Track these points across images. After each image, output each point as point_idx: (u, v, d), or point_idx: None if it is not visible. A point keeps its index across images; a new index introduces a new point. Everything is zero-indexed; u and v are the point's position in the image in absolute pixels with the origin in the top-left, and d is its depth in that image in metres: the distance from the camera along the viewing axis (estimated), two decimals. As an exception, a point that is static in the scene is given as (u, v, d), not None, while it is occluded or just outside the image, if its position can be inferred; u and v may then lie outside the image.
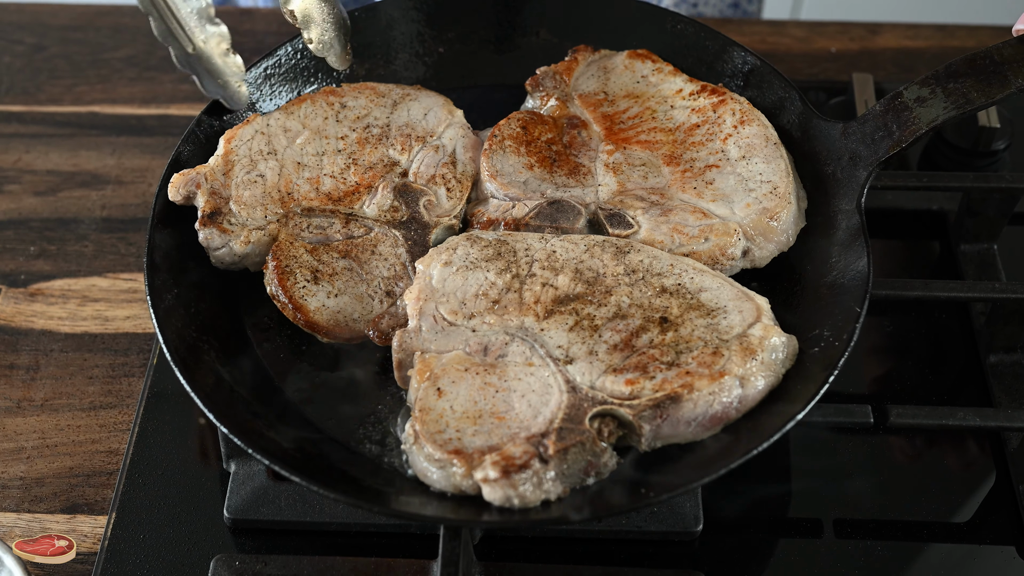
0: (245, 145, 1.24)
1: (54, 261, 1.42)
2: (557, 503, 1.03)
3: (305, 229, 1.20)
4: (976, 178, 1.34)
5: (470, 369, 1.09)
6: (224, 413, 1.07)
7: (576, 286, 1.14)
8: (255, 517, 1.15)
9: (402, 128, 1.29)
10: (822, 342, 1.11)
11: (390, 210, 1.22)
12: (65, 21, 1.72)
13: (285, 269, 1.17)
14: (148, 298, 1.13)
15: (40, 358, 1.32)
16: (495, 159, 1.26)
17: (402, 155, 1.27)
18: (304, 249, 1.19)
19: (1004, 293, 1.23)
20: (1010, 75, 1.18)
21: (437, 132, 1.29)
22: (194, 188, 1.20)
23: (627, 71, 1.35)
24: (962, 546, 1.17)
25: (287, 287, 1.16)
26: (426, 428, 1.05)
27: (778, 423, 1.04)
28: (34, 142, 1.55)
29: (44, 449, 1.25)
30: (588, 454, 1.04)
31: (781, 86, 1.32)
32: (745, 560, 1.16)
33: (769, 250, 1.21)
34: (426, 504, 1.04)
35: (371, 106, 1.30)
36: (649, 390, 1.06)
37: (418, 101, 1.32)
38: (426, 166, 1.26)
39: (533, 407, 1.07)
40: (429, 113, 1.31)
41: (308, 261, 1.18)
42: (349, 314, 1.17)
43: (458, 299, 1.14)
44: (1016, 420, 1.16)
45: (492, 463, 1.02)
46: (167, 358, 1.09)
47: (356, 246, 1.20)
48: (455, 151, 1.28)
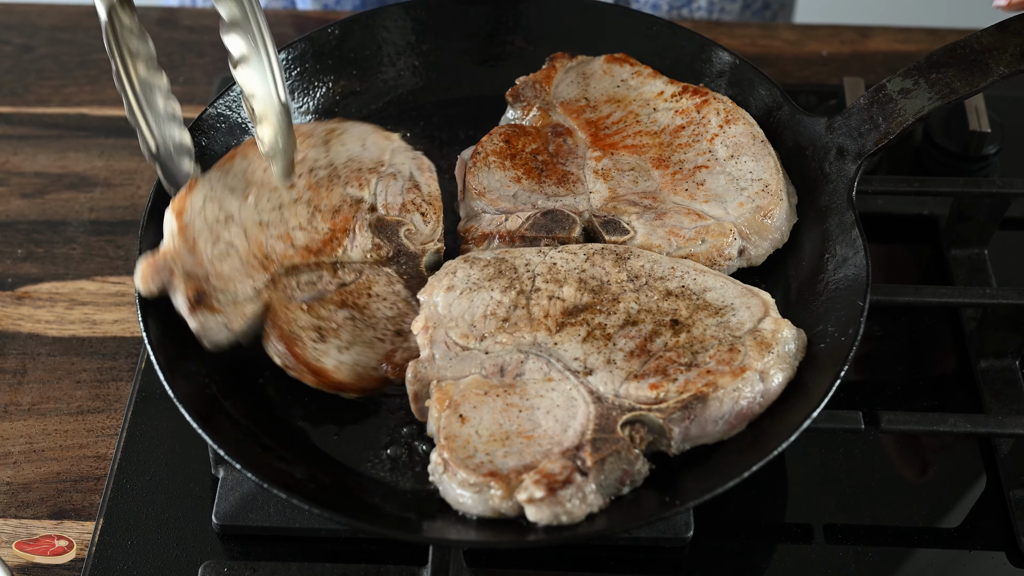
0: (199, 216, 1.15)
1: (42, 264, 1.41)
2: (600, 515, 1.02)
3: (295, 288, 1.16)
4: (967, 183, 1.34)
5: (490, 392, 1.08)
6: (238, 451, 1.05)
7: (583, 296, 1.14)
8: (244, 523, 1.14)
9: (347, 164, 1.23)
10: (828, 338, 1.11)
11: (373, 249, 1.19)
12: (53, 22, 1.71)
13: (290, 335, 1.13)
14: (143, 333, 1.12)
15: (27, 362, 1.32)
16: (481, 176, 1.26)
17: (362, 191, 1.22)
18: (301, 310, 1.14)
19: (995, 299, 1.24)
20: (991, 63, 1.19)
21: (385, 160, 1.25)
22: (167, 275, 1.12)
23: (606, 76, 1.35)
24: (952, 552, 1.17)
25: (297, 353, 1.12)
26: (455, 455, 1.04)
27: (797, 419, 1.04)
28: (22, 144, 1.54)
29: (31, 454, 1.24)
30: (624, 462, 1.04)
31: (762, 84, 1.32)
32: (736, 566, 1.16)
33: (764, 248, 1.22)
34: (455, 528, 1.03)
35: (304, 148, 1.23)
36: (674, 392, 1.06)
37: (348, 133, 1.26)
38: (392, 196, 1.22)
39: (561, 422, 1.06)
40: (366, 142, 1.26)
41: (309, 321, 1.14)
42: (367, 364, 1.14)
43: (467, 322, 1.13)
44: (1006, 426, 1.16)
45: (534, 482, 1.01)
46: (181, 411, 1.08)
47: (351, 293, 1.16)
48: (412, 174, 1.25)
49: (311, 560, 1.12)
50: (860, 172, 1.21)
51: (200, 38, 1.68)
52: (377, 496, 1.10)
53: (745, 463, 1.02)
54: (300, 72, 1.37)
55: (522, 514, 1.02)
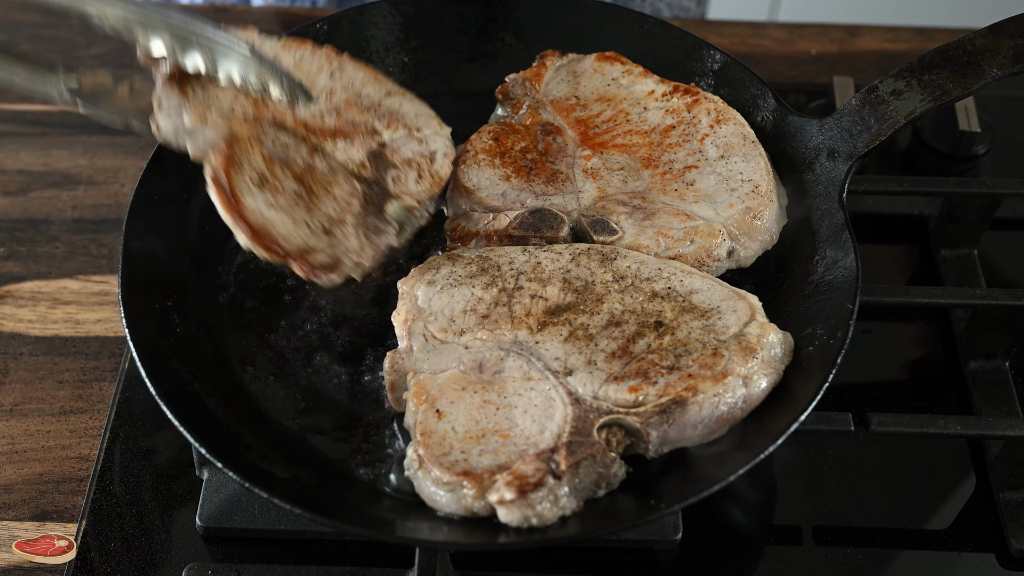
0: None
1: (24, 263, 1.39)
2: (573, 518, 1.01)
3: (269, 138, 1.15)
4: (957, 183, 1.33)
5: (467, 388, 1.07)
6: (220, 450, 1.04)
7: (566, 296, 1.13)
8: (228, 525, 1.13)
9: (392, 111, 1.25)
10: (816, 340, 1.11)
11: (358, 166, 1.18)
12: (37, 18, 1.69)
13: (236, 160, 1.11)
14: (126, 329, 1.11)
15: (9, 362, 1.30)
16: (470, 174, 1.25)
17: (386, 130, 1.23)
18: (260, 155, 1.13)
19: (985, 299, 1.23)
20: (984, 65, 1.18)
21: (423, 131, 1.26)
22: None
23: (597, 74, 1.34)
24: (942, 553, 1.17)
25: (231, 176, 1.10)
26: (430, 451, 1.03)
27: (784, 422, 1.03)
28: (4, 141, 1.53)
29: (13, 455, 1.23)
30: (599, 466, 1.03)
31: (753, 84, 1.32)
32: (724, 568, 1.15)
33: (754, 249, 1.21)
34: (436, 529, 1.02)
35: (367, 82, 1.26)
36: (653, 396, 1.05)
37: (412, 103, 1.29)
38: (406, 149, 1.23)
39: (538, 422, 1.05)
40: (419, 116, 1.28)
41: (260, 166, 1.13)
42: (279, 229, 1.12)
43: (447, 316, 1.12)
44: (996, 427, 1.16)
45: (506, 484, 1.00)
46: (159, 402, 1.07)
47: (312, 176, 1.15)
48: (436, 152, 1.26)
49: (296, 563, 1.12)
50: (851, 174, 1.21)
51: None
52: (361, 497, 1.09)
53: (730, 467, 1.02)
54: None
55: (495, 514, 1.01)
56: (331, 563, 1.11)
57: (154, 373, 1.08)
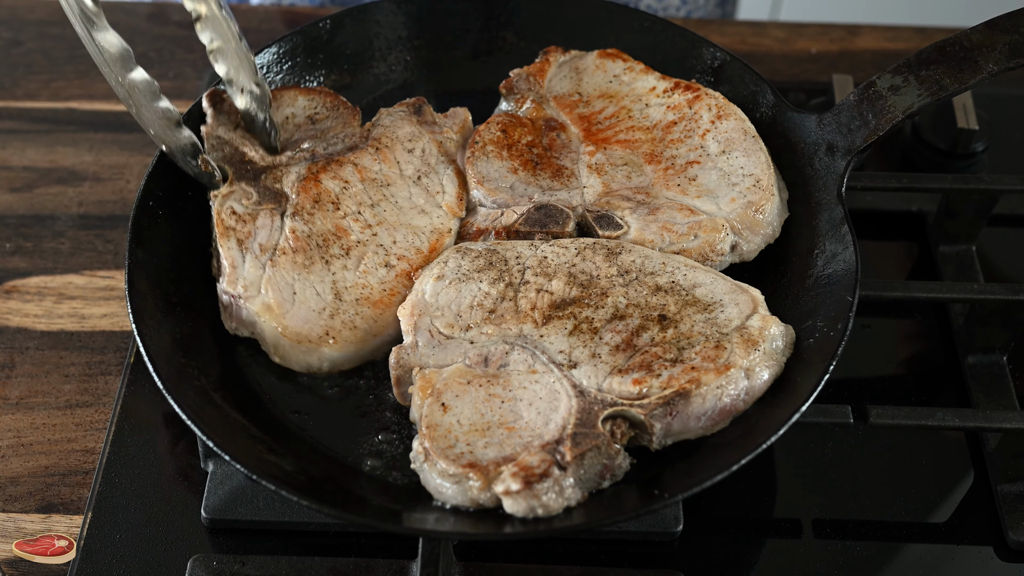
0: None
1: (30, 258, 1.40)
2: (578, 509, 1.02)
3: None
4: (955, 179, 1.34)
5: (472, 381, 1.08)
6: (227, 443, 1.05)
7: (571, 290, 1.14)
8: (233, 517, 1.14)
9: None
10: (817, 333, 1.12)
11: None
12: (43, 16, 1.70)
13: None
14: (133, 325, 1.12)
15: (15, 356, 1.31)
16: (480, 165, 1.26)
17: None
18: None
19: (983, 294, 1.24)
20: (980, 60, 1.19)
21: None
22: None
23: (599, 71, 1.35)
24: (941, 546, 1.17)
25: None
26: (436, 444, 1.04)
27: (785, 414, 1.04)
28: (10, 138, 1.54)
29: (19, 448, 1.24)
30: (604, 457, 1.04)
31: (752, 81, 1.33)
32: (725, 560, 1.16)
33: (756, 243, 1.22)
34: (442, 520, 1.03)
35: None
36: (657, 388, 1.06)
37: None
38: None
39: (543, 414, 1.06)
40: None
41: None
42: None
43: (453, 312, 1.13)
44: (994, 420, 1.17)
45: (511, 475, 1.01)
46: (160, 387, 1.08)
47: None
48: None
49: (301, 554, 1.12)
50: (850, 168, 1.22)
51: (189, 33, 1.67)
52: (366, 489, 1.10)
53: (731, 458, 1.03)
54: (291, 66, 1.37)
55: (500, 505, 1.02)
56: (335, 554, 1.11)
57: (160, 367, 1.09)
